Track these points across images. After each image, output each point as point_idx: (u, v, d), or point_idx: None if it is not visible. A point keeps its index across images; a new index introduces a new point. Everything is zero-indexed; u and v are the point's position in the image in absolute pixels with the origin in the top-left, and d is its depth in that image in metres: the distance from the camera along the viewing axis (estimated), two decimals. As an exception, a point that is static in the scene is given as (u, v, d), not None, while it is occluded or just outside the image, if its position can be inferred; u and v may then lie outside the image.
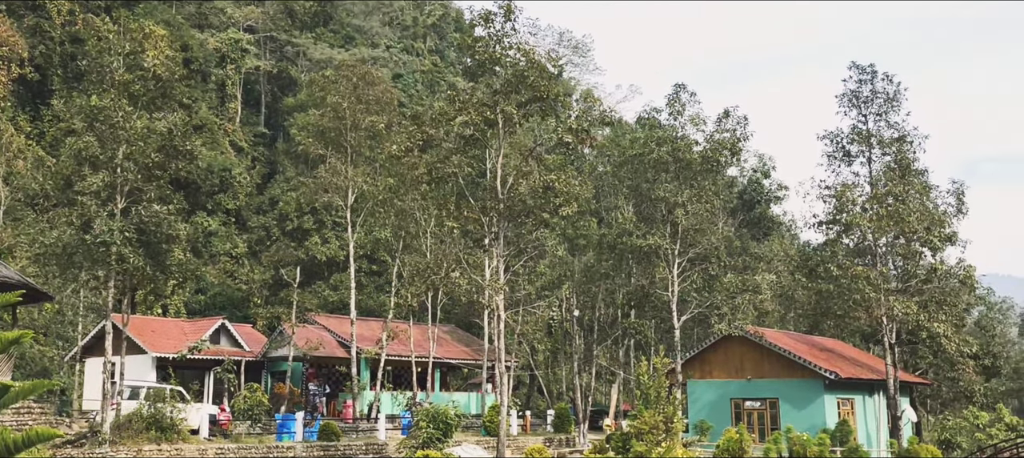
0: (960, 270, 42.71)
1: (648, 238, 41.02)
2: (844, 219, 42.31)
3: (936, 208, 42.99)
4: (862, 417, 40.55)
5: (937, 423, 47.11)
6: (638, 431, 27.32)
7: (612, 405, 48.58)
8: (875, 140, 43.48)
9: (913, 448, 35.32)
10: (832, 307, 42.96)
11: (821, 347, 44.73)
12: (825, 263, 42.05)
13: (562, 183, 32.66)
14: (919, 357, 49.48)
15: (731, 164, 50.92)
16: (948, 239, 42.23)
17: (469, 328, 52.40)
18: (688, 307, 42.59)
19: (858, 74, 44.15)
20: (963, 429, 41.28)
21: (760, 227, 70.63)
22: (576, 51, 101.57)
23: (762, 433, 39.07)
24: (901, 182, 42.30)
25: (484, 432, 38.09)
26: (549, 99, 33.06)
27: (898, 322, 40.92)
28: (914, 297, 40.96)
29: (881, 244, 42.61)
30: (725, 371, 41.78)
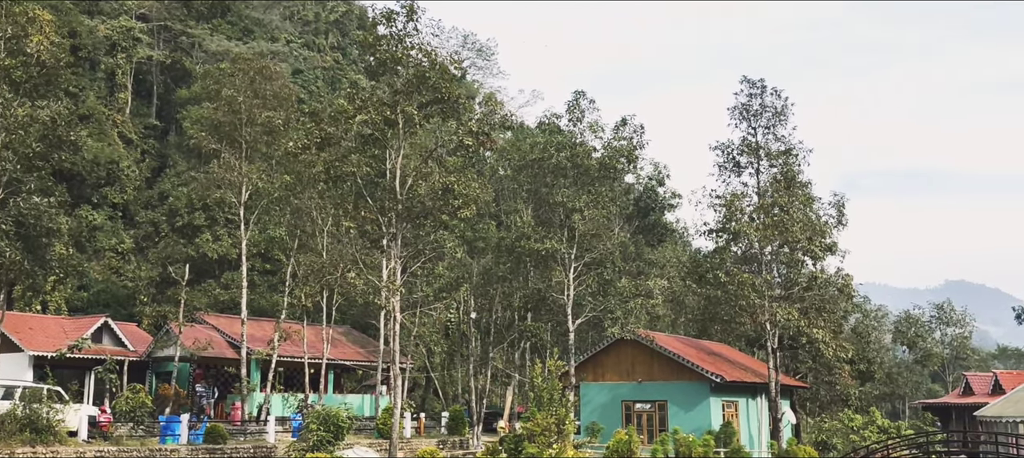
0: (839, 279, 44.75)
1: (546, 242, 41.51)
2: (733, 228, 43.81)
3: (818, 219, 44.91)
4: (745, 419, 42.06)
5: (815, 425, 49.28)
6: (531, 433, 27.68)
7: (507, 407, 48.94)
8: (763, 152, 45.11)
9: (792, 449, 36.85)
10: (719, 312, 44.42)
11: (709, 351, 46.17)
12: (714, 270, 43.43)
13: (462, 185, 32.74)
14: (799, 361, 51.61)
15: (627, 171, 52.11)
16: (828, 249, 44.23)
17: (365, 329, 51.86)
18: (583, 311, 43.28)
19: (749, 88, 45.76)
20: (838, 431, 43.34)
21: (654, 233, 72.26)
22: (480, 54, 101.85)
23: (651, 434, 40.08)
24: (786, 193, 44.04)
25: (377, 434, 37.82)
26: (450, 101, 33.12)
27: (780, 328, 42.61)
28: (796, 304, 42.72)
29: (766, 252, 44.28)
30: (617, 374, 42.66)
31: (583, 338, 49.51)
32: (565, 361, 39.77)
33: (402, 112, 31.61)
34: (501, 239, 45.99)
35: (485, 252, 47.19)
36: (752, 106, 45.46)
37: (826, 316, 43.78)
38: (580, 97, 45.66)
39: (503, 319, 48.61)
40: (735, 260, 44.62)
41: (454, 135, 35.59)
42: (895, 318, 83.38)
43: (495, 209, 54.72)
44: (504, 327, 48.52)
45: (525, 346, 51.39)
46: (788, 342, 48.52)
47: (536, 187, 45.35)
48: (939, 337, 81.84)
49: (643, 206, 71.41)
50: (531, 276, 45.65)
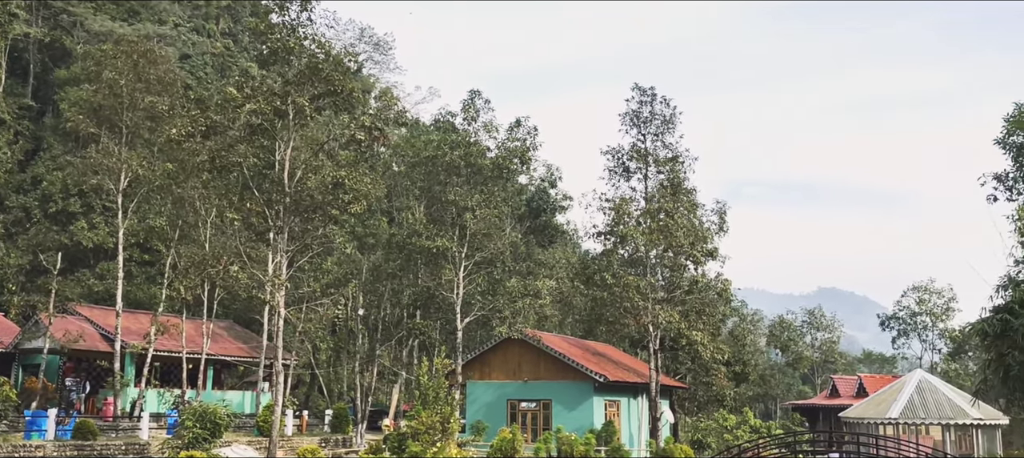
0: (718, 283, 46.44)
1: (437, 240, 41.50)
2: (620, 231, 44.84)
3: (701, 225, 46.45)
4: (626, 418, 43.12)
5: (692, 424, 50.94)
6: (415, 431, 27.64)
7: (392, 405, 48.66)
8: (652, 158, 46.33)
9: (669, 447, 38.00)
10: (605, 313, 45.40)
11: (594, 351, 47.11)
12: (601, 272, 44.36)
13: (353, 180, 32.45)
14: (680, 363, 53.25)
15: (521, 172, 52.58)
16: (710, 254, 45.82)
17: (248, 324, 50.62)
18: (472, 309, 43.48)
19: (640, 95, 46.91)
20: (714, 430, 44.96)
21: (545, 234, 73.11)
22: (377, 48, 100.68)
23: (535, 433, 40.62)
24: (672, 199, 45.37)
25: (257, 432, 37.01)
26: (344, 94, 32.77)
27: (662, 329, 43.88)
28: (677, 306, 44.08)
29: (651, 256, 45.51)
30: (504, 373, 43.05)
31: (471, 337, 49.71)
32: (452, 359, 39.88)
33: (293, 103, 31.08)
34: (392, 236, 45.73)
35: (375, 248, 46.81)
36: (642, 113, 46.61)
37: (706, 319, 45.34)
38: (475, 97, 45.85)
39: (392, 316, 48.34)
40: (622, 263, 45.66)
41: (347, 129, 35.17)
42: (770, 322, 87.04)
43: (387, 205, 54.32)
44: (393, 324, 48.25)
45: (413, 344, 51.22)
46: (669, 343, 49.99)
47: (429, 185, 45.30)
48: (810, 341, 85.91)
49: (535, 207, 72.15)
50: (421, 274, 45.55)
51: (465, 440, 36.19)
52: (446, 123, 49.49)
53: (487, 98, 45.88)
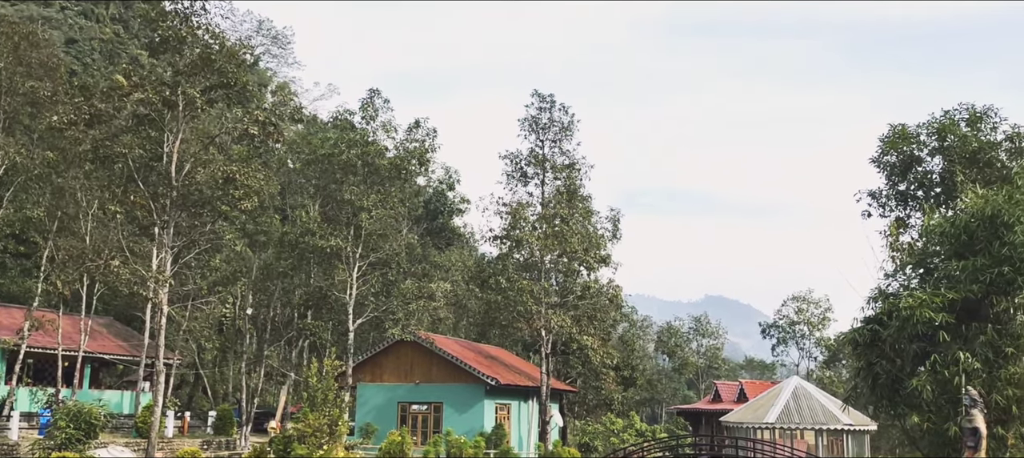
0: (610, 289, 47.36)
1: (331, 239, 40.94)
2: (516, 235, 45.23)
3: (595, 232, 47.29)
4: (516, 421, 43.52)
5: (580, 428, 51.78)
6: (301, 433, 27.24)
7: (280, 407, 47.69)
8: (549, 164, 46.90)
9: (557, 450, 38.55)
10: (499, 317, 45.71)
11: (486, 355, 47.35)
12: (496, 275, 44.64)
13: (245, 176, 31.72)
14: (570, 367, 54.09)
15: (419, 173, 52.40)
16: (603, 260, 46.70)
17: (129, 322, 48.76)
18: (365, 310, 43.08)
19: (539, 102, 47.45)
20: (601, 433, 45.80)
21: (442, 237, 73.11)
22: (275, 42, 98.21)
23: (425, 436, 40.54)
24: (568, 205, 46.04)
25: (136, 434, 35.71)
26: (237, 87, 32.04)
27: (554, 334, 44.47)
28: (570, 311, 44.76)
29: (546, 261, 46.07)
30: (396, 375, 42.81)
31: (364, 338, 49.23)
32: (343, 361, 39.41)
33: (184, 94, 30.20)
34: (284, 234, 44.82)
35: (267, 246, 45.81)
36: (541, 119, 47.14)
37: (597, 324, 46.19)
38: (375, 96, 45.49)
39: (282, 316, 47.40)
40: (517, 267, 46.06)
41: (240, 123, 34.36)
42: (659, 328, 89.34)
43: (280, 203, 53.22)
44: (283, 324, 47.33)
45: (303, 344, 50.37)
46: (561, 348, 50.70)
47: (325, 183, 44.65)
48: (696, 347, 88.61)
49: (432, 209, 72.05)
50: (314, 273, 44.85)
51: (353, 443, 35.82)
52: (344, 121, 48.79)
53: (386, 98, 45.60)
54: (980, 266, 19.62)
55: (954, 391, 18.70)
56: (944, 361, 19.11)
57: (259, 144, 37.16)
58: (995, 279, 19.42)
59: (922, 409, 20.00)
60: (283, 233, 45.16)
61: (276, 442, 30.02)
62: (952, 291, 19.73)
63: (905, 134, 30.19)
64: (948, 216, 23.11)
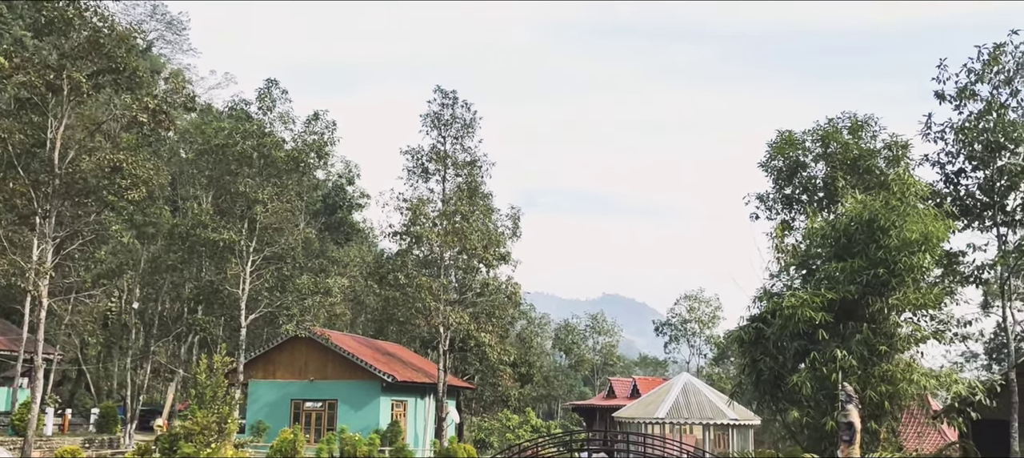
0: (509, 287, 47.67)
1: (224, 232, 39.87)
2: (416, 231, 45.02)
3: (495, 229, 47.51)
4: (413, 418, 43.39)
5: (476, 424, 52.00)
6: (189, 432, 26.44)
7: (167, 404, 46.21)
8: (450, 161, 46.85)
9: (453, 447, 38.57)
10: (397, 313, 45.44)
11: (383, 351, 47.01)
12: (395, 271, 44.33)
13: (133, 165, 30.62)
14: (468, 364, 54.23)
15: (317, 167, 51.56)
16: (502, 258, 46.98)
17: (7, 315, 46.34)
18: (258, 306, 42.14)
19: (442, 98, 47.32)
20: (497, 430, 46.08)
21: (341, 232, 72.09)
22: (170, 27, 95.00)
23: (319, 433, 39.98)
24: (469, 202, 46.11)
25: (12, 432, 33.99)
26: (127, 72, 30.91)
27: (453, 330, 44.50)
28: (468, 308, 44.87)
29: (446, 257, 46.03)
30: (289, 372, 42.05)
31: (258, 334, 48.19)
32: (235, 357, 38.47)
33: (69, 78, 28.93)
34: (175, 226, 43.37)
35: (156, 238, 44.25)
36: (444, 116, 47.04)
37: (495, 321, 46.43)
38: (272, 86, 44.51)
39: (171, 311, 45.93)
40: (416, 263, 45.86)
41: (128, 110, 33.11)
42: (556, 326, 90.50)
43: (171, 193, 51.49)
44: (172, 319, 45.86)
45: (193, 340, 48.94)
46: (459, 344, 50.79)
47: (218, 174, 43.40)
48: (592, 345, 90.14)
49: (331, 203, 71.00)
50: (205, 267, 43.58)
51: (244, 441, 35.02)
52: (240, 111, 47.55)
53: (284, 88, 44.66)
54: (857, 268, 20.67)
55: (831, 387, 19.64)
56: (823, 358, 20.07)
57: (149, 132, 35.86)
58: (871, 280, 20.50)
59: (802, 404, 20.97)
60: (173, 225, 43.67)
61: (162, 440, 29.02)
62: (831, 291, 20.71)
63: (792, 140, 31.40)
64: (829, 220, 24.22)
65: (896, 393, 20.36)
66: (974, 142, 26.65)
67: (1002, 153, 26.51)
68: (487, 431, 45.68)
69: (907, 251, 20.25)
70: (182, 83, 53.33)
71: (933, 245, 20.75)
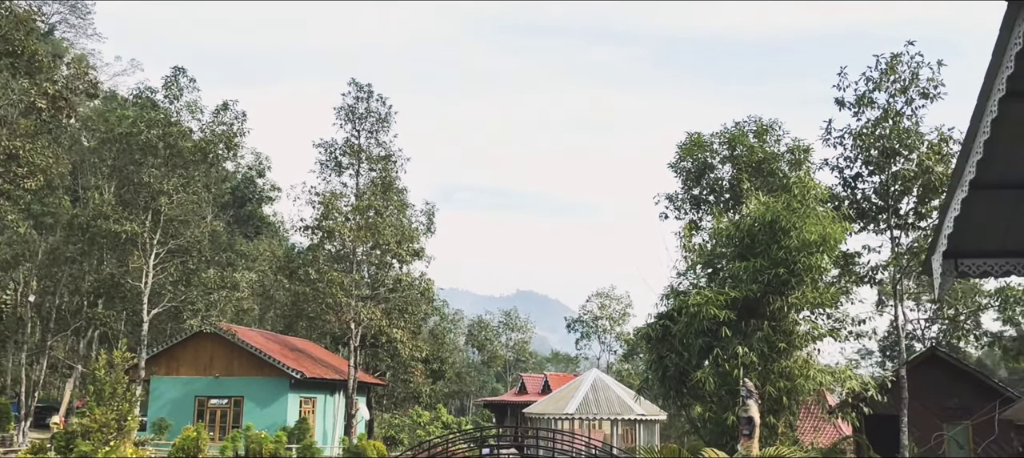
0: (422, 283, 47.46)
1: (126, 224, 38.63)
2: (328, 226, 44.40)
3: (410, 225, 47.22)
4: (322, 415, 42.81)
5: (387, 421, 51.67)
6: (86, 429, 25.55)
7: (64, 401, 44.55)
8: (365, 155, 46.36)
9: (362, 444, 38.25)
10: (307, 309, 44.74)
11: (292, 347, 46.23)
12: (306, 266, 43.64)
13: (31, 153, 29.39)
14: (379, 360, 53.78)
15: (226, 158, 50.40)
16: (416, 254, 46.73)
17: None
18: (162, 300, 40.97)
19: (356, 91, 46.77)
20: (407, 426, 45.87)
21: (250, 225, 70.60)
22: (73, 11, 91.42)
23: (224, 431, 39.08)
24: (383, 197, 45.69)
25: None
26: (25, 56, 29.63)
27: (364, 326, 44.08)
28: (380, 304, 44.49)
29: (359, 253, 45.54)
30: (194, 368, 40.99)
31: (161, 329, 46.84)
32: (136, 353, 37.30)
33: (-41, 61, 27.54)
34: (75, 217, 41.84)
35: (54, 229, 42.59)
36: (358, 109, 46.50)
37: (407, 317, 46.16)
38: (180, 74, 43.35)
39: (70, 304, 44.29)
40: (328, 258, 45.25)
41: (27, 95, 31.76)
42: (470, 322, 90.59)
43: (71, 183, 49.59)
44: (70, 313, 44.21)
45: (93, 335, 47.28)
46: (370, 341, 50.36)
47: (122, 164, 42.02)
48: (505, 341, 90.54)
49: (240, 196, 69.47)
50: (106, 260, 42.14)
51: (144, 439, 34.01)
52: (146, 100, 46.19)
53: (193, 77, 43.55)
54: (759, 267, 21.29)
55: (733, 383, 20.18)
56: (725, 355, 20.61)
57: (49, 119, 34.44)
58: (772, 280, 21.15)
59: (705, 400, 21.49)
60: (73, 216, 42.13)
61: (58, 438, 27.99)
62: (735, 290, 21.28)
63: (700, 142, 32.16)
64: (734, 220, 24.88)
65: (794, 389, 21.06)
66: (871, 148, 27.72)
67: (896, 159, 27.65)
68: (398, 428, 45.42)
69: (806, 252, 20.94)
70: (85, 69, 51.52)
71: (831, 246, 21.53)
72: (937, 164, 26.52)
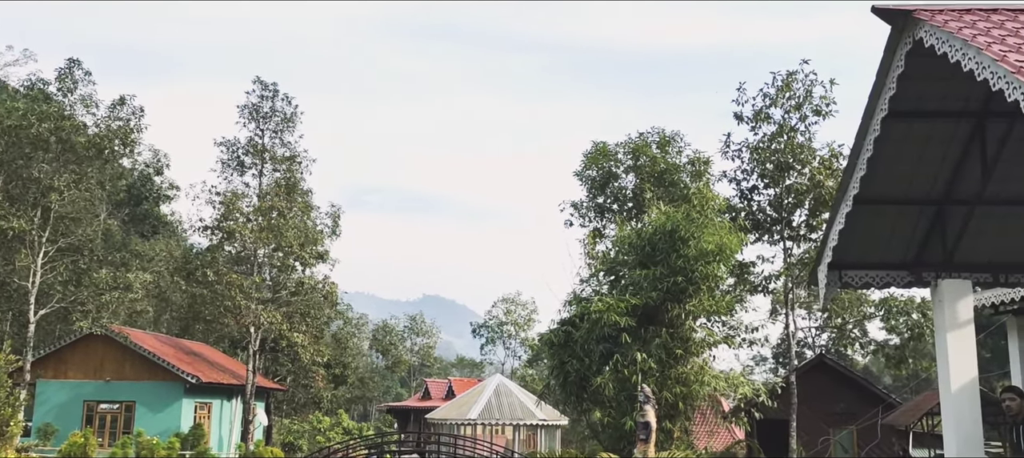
0: (325, 286, 46.73)
1: (13, 220, 36.86)
2: (228, 226, 43.34)
3: (314, 227, 46.48)
4: (218, 421, 41.73)
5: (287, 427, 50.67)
6: (-37, 435, 24.25)
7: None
8: (269, 155, 45.48)
9: (259, 451, 37.42)
10: (205, 312, 43.58)
11: (188, 351, 44.92)
12: (205, 268, 42.48)
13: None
14: (280, 364, 52.71)
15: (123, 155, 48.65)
16: (320, 256, 46.03)
17: None
18: (50, 300, 39.22)
19: (261, 89, 45.91)
20: (307, 432, 45.07)
21: (147, 224, 68.17)
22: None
23: (114, 436, 37.65)
24: (287, 198, 44.86)
25: None
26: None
27: (264, 330, 43.16)
28: (282, 308, 43.64)
29: (260, 255, 44.58)
30: (83, 371, 39.38)
31: (49, 331, 44.83)
32: (21, 355, 35.59)
33: None
34: (-48, 213, 39.64)
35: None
36: (263, 108, 45.70)
37: (309, 321, 45.39)
38: (75, 66, 41.69)
39: (-52, 304, 41.89)
40: (227, 260, 44.18)
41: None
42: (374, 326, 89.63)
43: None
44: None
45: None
46: (271, 345, 49.35)
47: (10, 158, 40.00)
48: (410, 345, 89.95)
49: (136, 194, 67.04)
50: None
51: (28, 445, 32.48)
52: (38, 91, 44.12)
53: (89, 70, 41.90)
54: (659, 275, 21.80)
55: (632, 388, 20.58)
56: (625, 361, 21.00)
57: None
58: (671, 287, 21.68)
59: (604, 405, 21.83)
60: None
61: (-69, 446, 26.51)
62: (635, 297, 21.73)
63: (605, 151, 32.76)
64: (636, 229, 25.42)
65: (690, 394, 21.62)
66: (767, 162, 28.75)
67: (790, 173, 28.76)
68: (297, 434, 44.55)
69: (704, 261, 21.54)
70: (-32, 56, 48.89)
71: (727, 256, 22.21)
72: (828, 179, 27.69)
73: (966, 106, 9.58)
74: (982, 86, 7.66)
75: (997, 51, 7.53)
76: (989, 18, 8.78)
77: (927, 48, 8.44)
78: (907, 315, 49.36)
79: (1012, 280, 11.09)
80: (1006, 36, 8.11)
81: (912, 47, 8.80)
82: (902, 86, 9.07)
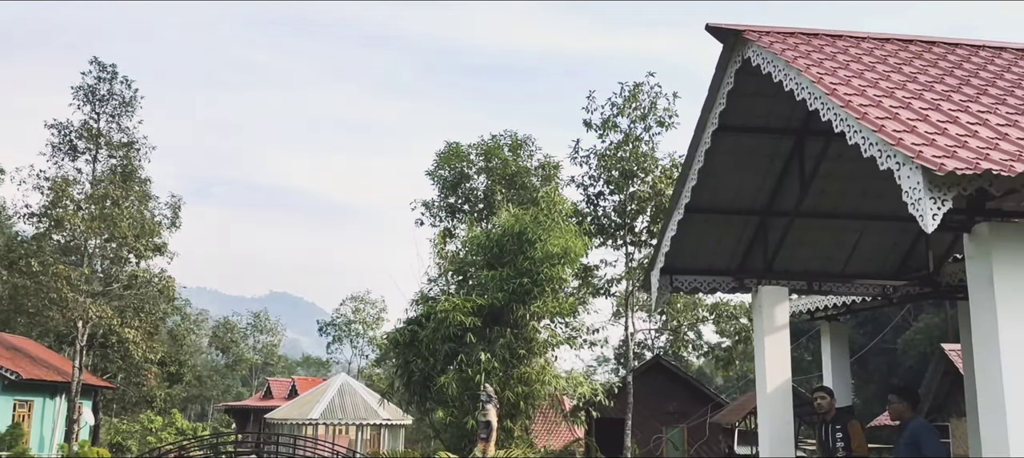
0: (161, 280, 44.66)
1: None
2: (57, 214, 40.77)
3: (152, 218, 44.29)
4: (39, 420, 39.26)
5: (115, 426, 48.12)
6: None
7: None
8: (104, 140, 43.10)
9: (84, 451, 35.41)
10: (28, 304, 40.87)
11: (8, 345, 42.00)
12: (29, 257, 39.81)
13: None
14: (110, 361, 49.96)
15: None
16: (157, 249, 43.87)
17: None
18: None
19: (99, 70, 43.40)
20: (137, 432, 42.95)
21: (-36, 209, 63.16)
22: None
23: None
24: (123, 187, 42.59)
25: None
26: None
27: (93, 325, 40.82)
28: (113, 302, 41.40)
29: (91, 245, 42.13)
30: None
31: None
32: None
33: None
34: None
35: None
36: (99, 90, 43.20)
37: (143, 317, 43.29)
38: None
39: None
40: (55, 250, 41.51)
41: None
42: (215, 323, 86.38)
43: None
44: None
45: None
46: (100, 340, 46.73)
47: None
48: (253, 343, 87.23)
49: (-48, 176, 61.95)
50: None
51: None
52: None
53: None
54: (506, 277, 22.09)
55: (475, 388, 20.76)
56: (469, 361, 21.16)
57: None
58: (517, 289, 22.01)
59: (447, 404, 21.92)
60: None
61: None
62: (482, 298, 21.93)
63: (458, 152, 32.94)
64: (486, 230, 25.68)
65: (532, 394, 22.00)
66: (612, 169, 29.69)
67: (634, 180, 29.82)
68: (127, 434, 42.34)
69: (549, 263, 21.99)
70: None
71: (572, 259, 22.76)
72: (668, 187, 28.86)
73: (788, 124, 10.25)
74: (802, 105, 8.24)
75: (815, 73, 8.12)
76: (810, 42, 9.45)
77: (754, 67, 8.98)
78: (736, 319, 52.13)
79: (825, 288, 11.96)
80: (824, 60, 8.76)
81: (741, 65, 9.33)
82: (731, 101, 9.60)
